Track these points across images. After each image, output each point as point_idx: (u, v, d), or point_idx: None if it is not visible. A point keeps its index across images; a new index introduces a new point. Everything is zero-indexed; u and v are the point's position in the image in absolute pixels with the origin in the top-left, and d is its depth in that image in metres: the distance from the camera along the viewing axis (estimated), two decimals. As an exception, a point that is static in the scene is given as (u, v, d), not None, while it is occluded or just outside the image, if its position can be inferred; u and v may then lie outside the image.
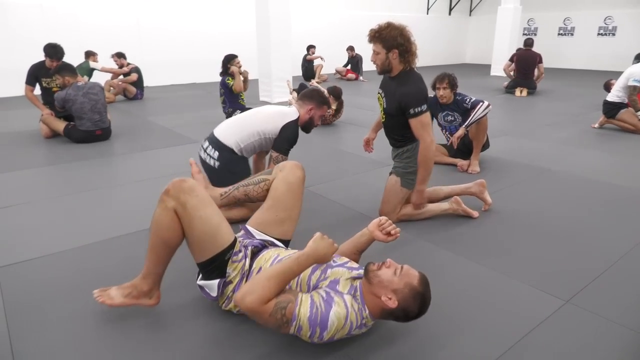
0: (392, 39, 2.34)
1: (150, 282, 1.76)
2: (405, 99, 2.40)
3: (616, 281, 2.11)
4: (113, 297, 1.74)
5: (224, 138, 2.68)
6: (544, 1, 14.05)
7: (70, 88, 4.56)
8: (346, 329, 1.51)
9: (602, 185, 3.43)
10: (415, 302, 1.51)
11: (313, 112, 2.77)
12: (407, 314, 1.54)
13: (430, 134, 2.42)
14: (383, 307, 1.53)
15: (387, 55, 2.40)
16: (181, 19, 9.77)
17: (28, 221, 2.80)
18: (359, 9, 12.86)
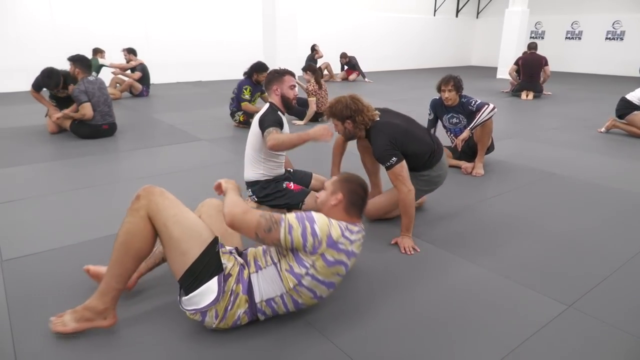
0: (339, 112, 2.54)
1: (108, 300, 1.67)
2: (376, 156, 2.53)
3: (620, 287, 2.09)
4: (66, 324, 1.66)
5: (248, 178, 2.77)
6: (552, 4, 13.99)
7: (85, 81, 4.60)
8: (336, 229, 1.64)
9: (607, 190, 3.41)
10: (350, 180, 1.81)
11: (279, 89, 2.70)
12: (357, 191, 1.79)
13: (407, 184, 2.43)
14: (341, 208, 1.76)
15: (343, 125, 2.58)
16: (188, 17, 9.80)
17: (32, 216, 2.82)
18: (366, 10, 12.85)
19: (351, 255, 1.71)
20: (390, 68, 13.77)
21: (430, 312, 1.88)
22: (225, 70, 10.37)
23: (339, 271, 1.69)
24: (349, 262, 1.71)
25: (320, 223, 1.62)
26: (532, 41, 8.40)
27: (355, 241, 1.73)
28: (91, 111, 4.58)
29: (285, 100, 2.71)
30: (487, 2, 15.79)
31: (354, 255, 1.74)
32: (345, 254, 1.67)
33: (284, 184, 2.74)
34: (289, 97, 2.71)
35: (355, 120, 2.53)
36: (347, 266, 1.71)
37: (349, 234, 1.68)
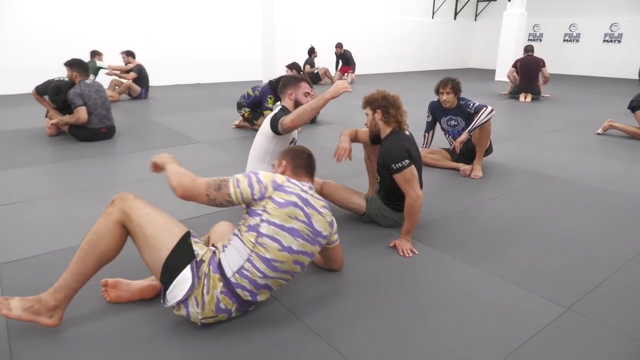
0: (374, 100, 2.59)
1: (61, 297, 1.67)
2: (386, 155, 2.50)
3: (618, 289, 2.10)
4: (11, 308, 1.64)
5: None
6: (550, 7, 14.03)
7: (82, 85, 4.59)
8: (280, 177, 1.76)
9: (606, 193, 3.41)
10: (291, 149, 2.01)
11: (294, 95, 2.74)
12: (299, 154, 1.98)
13: (416, 188, 2.43)
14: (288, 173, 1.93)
15: (373, 115, 2.61)
16: (187, 19, 9.80)
17: (30, 218, 2.81)
18: (364, 12, 12.87)
19: (308, 205, 1.75)
20: (389, 70, 13.79)
21: (428, 315, 1.88)
22: (224, 72, 10.38)
23: (296, 214, 1.70)
24: (306, 208, 1.74)
25: (264, 173, 1.75)
26: (529, 44, 8.42)
27: (309, 193, 1.80)
28: (85, 115, 4.56)
29: (299, 105, 2.72)
30: (485, 5, 15.83)
31: (313, 207, 1.77)
32: (296, 196, 1.72)
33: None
34: (302, 103, 2.71)
35: (388, 112, 2.55)
36: (304, 212, 1.73)
37: (297, 182, 1.80)
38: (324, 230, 1.82)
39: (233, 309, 1.71)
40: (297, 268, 1.78)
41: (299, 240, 1.72)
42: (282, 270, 1.72)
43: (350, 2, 12.52)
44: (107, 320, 1.80)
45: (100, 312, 1.84)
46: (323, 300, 1.97)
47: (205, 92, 8.89)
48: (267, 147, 2.69)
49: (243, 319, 1.81)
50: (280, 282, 1.77)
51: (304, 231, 1.74)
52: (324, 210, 1.84)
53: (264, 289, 1.73)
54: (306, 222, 1.74)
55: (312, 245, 1.78)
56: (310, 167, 1.98)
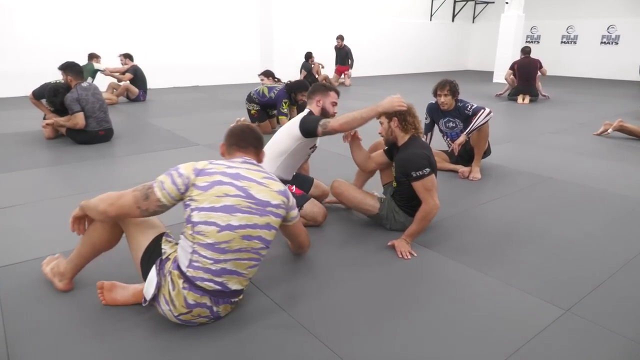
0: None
1: (69, 268, 1.96)
2: (406, 163, 2.49)
3: (617, 290, 2.09)
4: (45, 265, 2.08)
5: None
6: (547, 9, 14.07)
7: (78, 88, 4.57)
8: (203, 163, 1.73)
9: (604, 194, 3.42)
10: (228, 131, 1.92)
11: (322, 101, 2.78)
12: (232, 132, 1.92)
13: (435, 197, 2.44)
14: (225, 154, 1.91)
15: (389, 123, 2.59)
16: (186, 21, 9.81)
17: (28, 222, 2.80)
18: (362, 14, 12.90)
19: (240, 178, 1.69)
20: (387, 72, 13.81)
21: (427, 316, 1.87)
22: (222, 75, 10.39)
23: (224, 191, 1.65)
24: (237, 182, 1.68)
25: (184, 165, 1.73)
26: (526, 45, 8.45)
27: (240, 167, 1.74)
28: (83, 121, 4.55)
29: (325, 113, 2.77)
30: (483, 7, 15.87)
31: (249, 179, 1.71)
32: (220, 174, 1.68)
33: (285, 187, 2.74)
34: (329, 111, 2.78)
35: (405, 119, 2.55)
36: (236, 185, 1.67)
37: (224, 161, 1.76)
38: (272, 199, 1.74)
39: (207, 302, 1.68)
40: (256, 244, 1.71)
41: (237, 215, 1.65)
42: (234, 249, 1.66)
43: (349, 5, 12.55)
44: (101, 322, 1.79)
45: (95, 314, 1.84)
46: (320, 300, 1.97)
47: (203, 94, 8.89)
48: (286, 148, 2.69)
49: (236, 317, 1.81)
50: (242, 262, 1.70)
51: (242, 204, 1.66)
52: (267, 180, 1.77)
53: (227, 274, 1.68)
54: (241, 195, 1.67)
55: (261, 216, 1.70)
56: (243, 141, 1.86)
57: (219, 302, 1.72)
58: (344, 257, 2.41)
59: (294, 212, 1.93)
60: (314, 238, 2.60)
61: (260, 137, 1.92)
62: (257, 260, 1.77)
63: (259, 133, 1.93)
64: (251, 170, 1.76)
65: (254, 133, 1.91)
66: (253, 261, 1.75)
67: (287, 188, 1.88)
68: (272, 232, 1.78)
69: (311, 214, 2.68)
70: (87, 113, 4.58)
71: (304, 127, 2.62)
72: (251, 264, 1.75)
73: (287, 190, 1.86)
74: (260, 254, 1.77)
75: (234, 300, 1.80)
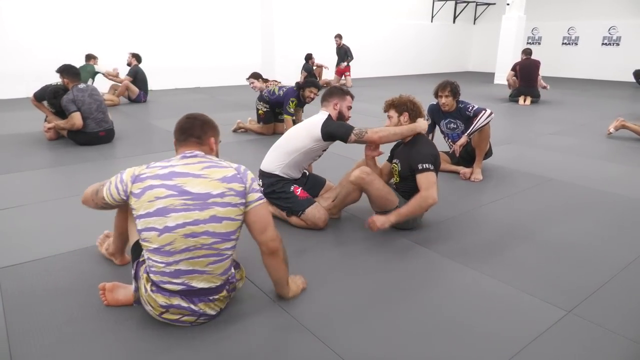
0: (402, 104, 2.70)
1: (114, 248, 2.18)
2: (415, 156, 2.59)
3: (619, 292, 2.09)
4: (100, 246, 2.33)
5: (265, 167, 2.83)
6: (548, 11, 14.07)
7: (75, 90, 4.56)
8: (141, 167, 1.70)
9: (606, 195, 3.41)
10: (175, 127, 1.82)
11: (339, 105, 2.82)
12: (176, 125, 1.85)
13: (434, 192, 2.49)
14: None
15: (399, 118, 2.70)
16: (187, 23, 9.82)
17: (30, 223, 2.80)
18: (363, 16, 12.90)
19: (174, 176, 1.62)
20: (388, 74, 13.81)
21: (428, 317, 1.87)
22: (223, 76, 10.39)
23: (155, 195, 1.61)
24: (169, 182, 1.62)
25: (128, 170, 1.71)
26: (527, 47, 8.45)
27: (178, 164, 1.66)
28: (80, 121, 4.55)
29: (341, 117, 2.83)
30: (484, 9, 15.88)
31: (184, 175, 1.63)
32: (151, 179, 1.64)
33: (291, 187, 2.76)
34: (345, 115, 2.84)
35: (416, 115, 2.69)
36: (167, 186, 1.61)
37: (159, 163, 1.70)
38: (213, 189, 1.62)
39: (182, 303, 1.67)
40: (206, 239, 1.63)
41: (171, 215, 1.60)
42: (180, 250, 1.62)
43: (349, 6, 12.55)
44: (102, 321, 1.80)
45: (96, 314, 1.84)
46: (321, 300, 1.97)
47: (204, 95, 8.91)
48: (302, 146, 2.72)
49: (235, 316, 1.81)
50: (199, 260, 1.64)
51: (174, 203, 1.60)
52: (208, 170, 1.66)
53: (186, 275, 1.65)
54: (174, 194, 1.61)
55: (202, 210, 1.61)
56: (182, 134, 1.76)
57: (194, 301, 1.68)
58: (344, 258, 2.41)
59: (253, 195, 1.71)
60: (314, 239, 2.60)
61: (202, 122, 1.78)
62: (218, 255, 1.67)
63: (201, 119, 1.79)
64: (190, 164, 1.67)
65: (194, 121, 1.77)
66: (212, 257, 1.66)
67: (244, 170, 1.72)
68: (225, 224, 1.64)
69: (312, 218, 2.68)
70: (84, 114, 4.57)
71: (328, 131, 2.66)
72: (210, 260, 1.66)
73: (242, 174, 1.70)
74: (218, 248, 1.66)
75: (214, 297, 1.73)
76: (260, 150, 3.99)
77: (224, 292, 1.77)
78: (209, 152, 1.78)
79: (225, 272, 1.73)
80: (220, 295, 1.75)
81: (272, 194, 2.78)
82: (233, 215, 1.66)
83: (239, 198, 1.67)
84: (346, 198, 2.77)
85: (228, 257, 1.72)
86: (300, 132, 2.78)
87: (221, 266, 1.71)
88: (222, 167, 1.69)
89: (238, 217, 1.68)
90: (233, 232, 1.69)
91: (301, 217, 2.70)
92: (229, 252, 1.71)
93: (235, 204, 1.66)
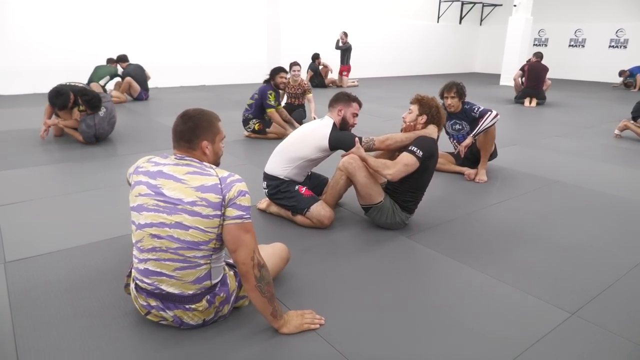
0: (429, 106, 2.72)
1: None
2: (416, 140, 2.64)
3: (623, 294, 2.08)
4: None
5: (270, 170, 2.85)
6: (555, 13, 14.02)
7: (96, 119, 4.53)
8: (144, 159, 1.74)
9: (610, 198, 3.40)
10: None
11: (343, 111, 2.82)
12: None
13: (398, 171, 2.51)
14: None
15: (417, 117, 2.74)
16: (193, 20, 9.84)
17: (36, 218, 2.82)
18: (369, 16, 12.90)
19: (160, 176, 1.62)
20: (394, 74, 13.80)
21: (433, 318, 1.87)
22: (229, 74, 10.42)
23: (139, 191, 1.64)
24: (152, 181, 1.62)
25: (140, 159, 1.75)
26: (538, 50, 8.47)
27: (168, 164, 1.64)
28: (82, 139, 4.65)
29: (345, 123, 2.82)
30: (491, 10, 15.83)
31: (167, 177, 1.61)
32: (143, 174, 1.65)
33: (296, 186, 2.79)
34: (348, 122, 2.82)
35: (433, 122, 2.73)
36: (149, 184, 1.62)
37: (158, 159, 1.69)
38: (186, 196, 1.57)
39: (159, 304, 1.66)
40: (171, 243, 1.58)
41: (143, 213, 1.61)
42: (147, 248, 1.61)
43: (356, 6, 12.55)
44: (108, 317, 1.81)
45: (102, 310, 1.85)
46: (325, 300, 1.97)
47: (210, 94, 8.93)
48: (307, 155, 2.75)
49: (241, 317, 1.81)
50: (165, 264, 1.60)
51: (148, 202, 1.60)
52: (190, 175, 1.60)
53: (154, 276, 1.63)
54: (150, 194, 1.60)
55: (170, 214, 1.57)
56: (174, 140, 1.73)
57: (170, 306, 1.66)
58: (348, 259, 2.41)
59: (232, 212, 1.59)
60: (318, 240, 2.61)
61: (195, 125, 1.70)
62: (185, 262, 1.60)
63: (194, 121, 1.71)
64: (178, 166, 1.64)
65: (186, 124, 1.70)
66: (178, 262, 1.60)
67: (231, 182, 1.62)
68: (192, 233, 1.57)
69: (317, 216, 2.69)
70: (98, 136, 4.66)
71: (336, 143, 2.71)
72: (177, 265, 1.60)
73: (225, 185, 1.60)
74: (184, 255, 1.59)
75: (190, 307, 1.66)
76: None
77: (203, 302, 1.67)
78: (202, 157, 1.70)
79: (198, 281, 1.64)
80: (198, 306, 1.66)
81: (277, 193, 2.80)
82: (202, 227, 1.57)
83: (212, 210, 1.57)
84: (335, 187, 2.77)
85: (199, 265, 1.62)
86: (305, 139, 2.78)
87: (191, 274, 1.62)
88: (206, 174, 1.61)
89: (210, 229, 1.58)
90: (203, 243, 1.59)
91: (306, 215, 2.71)
92: (200, 261, 1.62)
93: (207, 215, 1.57)
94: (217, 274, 1.70)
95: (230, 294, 1.76)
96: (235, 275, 1.81)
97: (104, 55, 8.06)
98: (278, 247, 2.11)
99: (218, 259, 1.70)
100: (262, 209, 2.98)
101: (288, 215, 2.81)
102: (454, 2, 14.72)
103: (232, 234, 1.59)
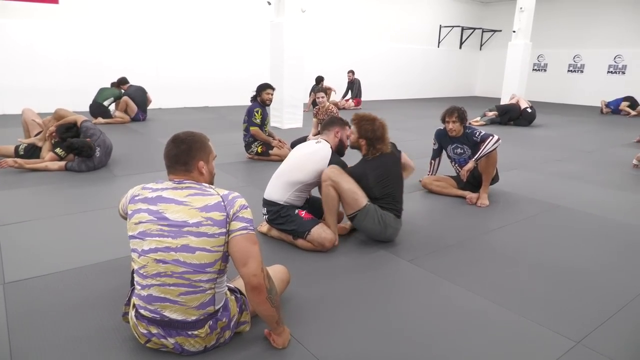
0: (365, 131, 2.83)
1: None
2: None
3: (629, 323, 2.06)
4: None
5: (269, 196, 2.88)
6: (554, 38, 14.24)
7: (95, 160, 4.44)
8: (139, 187, 1.73)
9: (613, 224, 3.38)
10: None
11: (339, 134, 2.96)
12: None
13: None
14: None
15: (357, 139, 2.89)
16: (196, 42, 9.99)
17: (35, 238, 2.81)
18: (371, 41, 13.10)
19: (160, 201, 1.61)
20: (394, 97, 13.94)
21: (433, 344, 1.84)
22: (232, 96, 10.52)
23: (139, 218, 1.62)
24: (153, 207, 1.61)
25: (133, 188, 1.74)
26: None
27: (167, 189, 1.64)
28: None
29: (341, 146, 2.98)
30: (490, 35, 16.09)
31: (168, 201, 1.61)
32: (141, 202, 1.64)
33: (296, 211, 2.79)
34: (345, 144, 3.01)
35: (373, 145, 2.83)
36: (150, 210, 1.61)
37: (152, 186, 1.68)
38: (190, 217, 1.57)
39: (160, 332, 1.64)
40: (177, 267, 1.57)
41: (147, 239, 1.60)
42: (152, 274, 1.59)
43: (358, 30, 12.76)
44: (106, 340, 1.79)
45: (101, 332, 1.83)
46: (323, 322, 1.95)
47: (212, 115, 9.00)
48: (307, 179, 2.80)
49: (242, 343, 1.78)
50: (169, 289, 1.59)
51: (151, 228, 1.60)
52: (192, 197, 1.61)
53: (157, 302, 1.61)
54: (153, 219, 1.60)
55: (175, 238, 1.57)
56: (168, 167, 1.72)
57: (171, 333, 1.64)
58: (348, 282, 2.39)
59: (236, 224, 1.62)
60: (319, 263, 2.59)
61: (188, 147, 1.69)
62: (190, 286, 1.59)
63: (187, 143, 1.70)
64: (177, 190, 1.64)
65: (179, 147, 1.69)
66: (183, 287, 1.59)
67: (233, 198, 1.65)
68: (198, 255, 1.57)
69: (318, 238, 2.67)
70: (95, 166, 4.48)
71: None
72: (182, 290, 1.59)
73: (228, 201, 1.62)
74: (190, 279, 1.58)
75: (192, 333, 1.64)
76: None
77: (205, 328, 1.65)
78: (199, 177, 1.71)
79: (202, 307, 1.63)
80: (200, 332, 1.65)
81: (278, 219, 2.80)
82: (209, 247, 1.58)
83: (218, 228, 1.58)
84: (328, 201, 2.76)
85: (204, 290, 1.61)
86: (304, 165, 2.82)
87: (195, 299, 1.61)
88: (207, 194, 1.63)
89: (216, 248, 1.59)
90: (209, 265, 1.59)
91: (307, 239, 2.70)
92: (205, 285, 1.61)
93: (212, 234, 1.58)
94: (220, 299, 1.69)
95: (231, 318, 1.74)
96: (236, 300, 1.78)
97: (108, 74, 8.15)
98: (278, 269, 2.09)
99: (222, 283, 1.69)
100: (264, 232, 2.97)
101: (289, 239, 2.80)
102: (454, 27, 14.97)
103: (239, 246, 1.60)
